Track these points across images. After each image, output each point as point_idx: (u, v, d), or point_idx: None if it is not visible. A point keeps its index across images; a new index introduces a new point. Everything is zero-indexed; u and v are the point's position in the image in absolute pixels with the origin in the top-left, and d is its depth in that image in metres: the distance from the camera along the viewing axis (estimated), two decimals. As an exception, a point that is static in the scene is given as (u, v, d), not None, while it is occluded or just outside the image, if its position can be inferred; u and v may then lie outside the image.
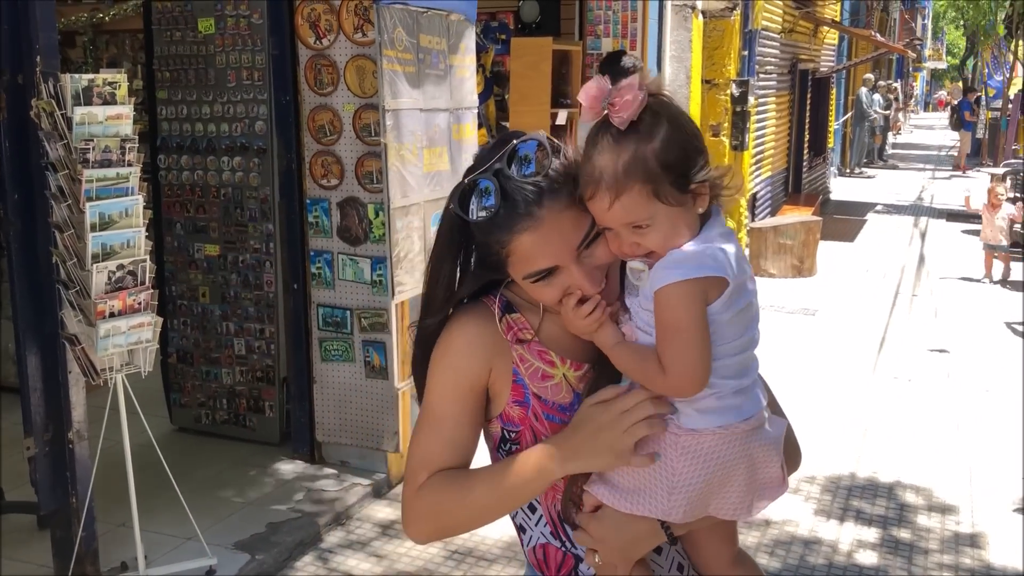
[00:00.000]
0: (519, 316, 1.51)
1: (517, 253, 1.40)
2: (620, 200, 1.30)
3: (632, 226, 1.32)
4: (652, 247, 1.33)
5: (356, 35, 4.30)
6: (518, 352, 1.49)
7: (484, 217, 1.39)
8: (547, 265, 1.40)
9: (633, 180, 1.29)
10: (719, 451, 1.36)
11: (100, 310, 3.32)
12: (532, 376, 1.48)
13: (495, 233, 1.40)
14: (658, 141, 1.30)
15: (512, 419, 1.50)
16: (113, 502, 3.86)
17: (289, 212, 4.70)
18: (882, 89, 21.93)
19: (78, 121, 3.21)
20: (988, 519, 4.46)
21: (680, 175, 1.31)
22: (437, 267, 1.51)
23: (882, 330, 7.79)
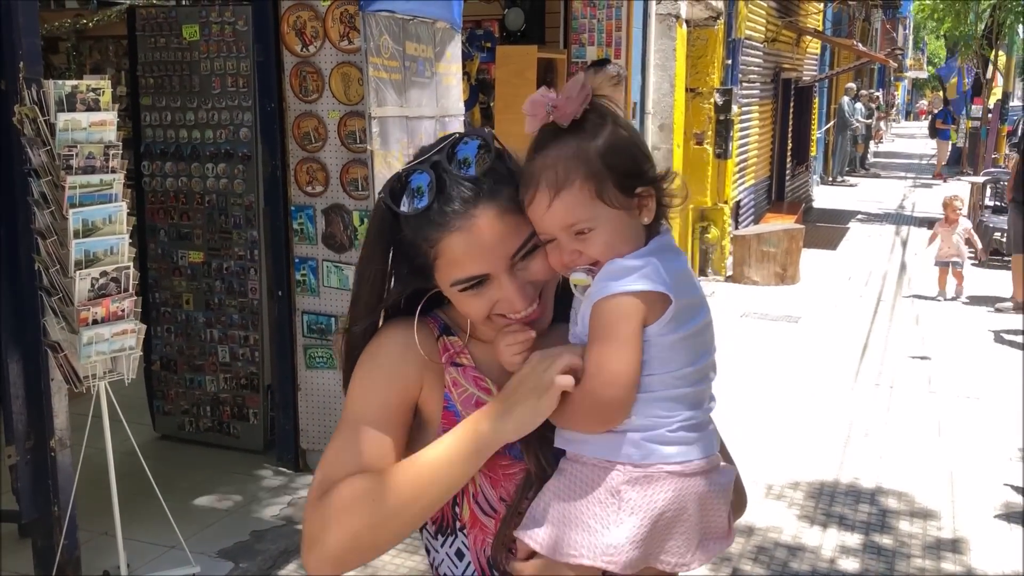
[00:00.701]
0: (457, 339, 1.41)
1: (446, 255, 1.29)
2: (560, 198, 1.23)
3: (573, 230, 1.25)
4: (595, 255, 1.25)
5: (342, 42, 4.31)
6: (452, 376, 1.38)
7: (414, 211, 1.29)
8: (476, 272, 1.29)
9: (574, 177, 1.23)
10: (667, 492, 1.24)
11: (83, 317, 3.31)
12: (465, 403, 1.36)
13: (425, 230, 1.29)
14: (602, 140, 1.24)
15: None
16: (96, 510, 3.84)
17: (274, 219, 4.69)
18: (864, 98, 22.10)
19: (61, 127, 3.20)
20: (970, 524, 4.50)
21: (624, 176, 1.25)
22: (364, 266, 1.39)
23: (864, 337, 7.84)
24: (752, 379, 6.59)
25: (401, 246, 1.35)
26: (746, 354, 7.23)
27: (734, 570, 4.03)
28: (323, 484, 1.28)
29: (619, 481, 1.24)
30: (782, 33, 13.12)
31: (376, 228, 1.37)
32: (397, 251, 1.36)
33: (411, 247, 1.33)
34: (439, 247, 1.29)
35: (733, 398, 6.20)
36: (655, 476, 1.24)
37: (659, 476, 1.24)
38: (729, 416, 5.81)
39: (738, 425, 5.72)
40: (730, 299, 9.13)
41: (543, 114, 1.26)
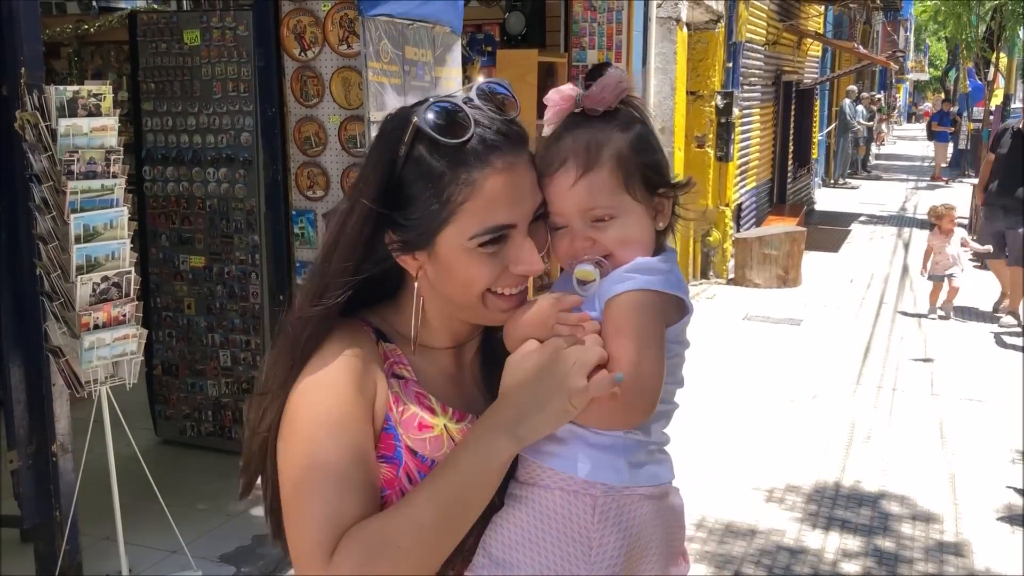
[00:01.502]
0: (395, 347, 1.24)
1: (481, 197, 1.15)
2: (587, 178, 1.19)
3: (592, 215, 1.20)
4: (608, 246, 1.20)
5: (341, 47, 4.31)
6: (393, 390, 1.20)
7: (459, 138, 1.15)
8: (506, 220, 1.17)
9: (606, 160, 1.20)
10: (640, 516, 1.17)
11: (84, 322, 3.31)
12: (407, 424, 1.19)
13: (466, 167, 1.15)
14: (636, 134, 1.23)
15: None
16: (97, 515, 3.84)
17: (275, 223, 4.69)
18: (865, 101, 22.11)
19: (63, 133, 3.21)
20: (971, 527, 4.49)
21: (651, 172, 1.23)
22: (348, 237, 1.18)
23: (866, 340, 7.83)
24: (754, 382, 6.58)
25: (399, 203, 1.18)
26: (748, 357, 7.23)
27: (736, 573, 4.02)
28: (322, 544, 1.08)
29: (594, 504, 1.15)
30: (783, 36, 13.12)
31: (375, 174, 1.18)
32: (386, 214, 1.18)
33: (424, 200, 1.16)
34: (477, 186, 1.15)
35: (735, 401, 6.20)
36: (630, 501, 1.17)
37: (634, 500, 1.17)
38: (731, 419, 5.82)
39: (740, 428, 5.72)
40: (732, 302, 9.13)
41: (570, 104, 1.23)
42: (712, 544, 4.25)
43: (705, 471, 5.03)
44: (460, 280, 1.20)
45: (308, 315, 1.18)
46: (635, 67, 7.80)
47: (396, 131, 1.18)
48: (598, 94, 1.21)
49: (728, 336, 7.83)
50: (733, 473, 5.05)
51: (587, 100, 1.22)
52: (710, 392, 6.32)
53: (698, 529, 4.39)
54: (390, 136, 1.19)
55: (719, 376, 6.72)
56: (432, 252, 1.20)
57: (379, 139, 1.21)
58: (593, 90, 1.21)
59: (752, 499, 4.75)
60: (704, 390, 6.33)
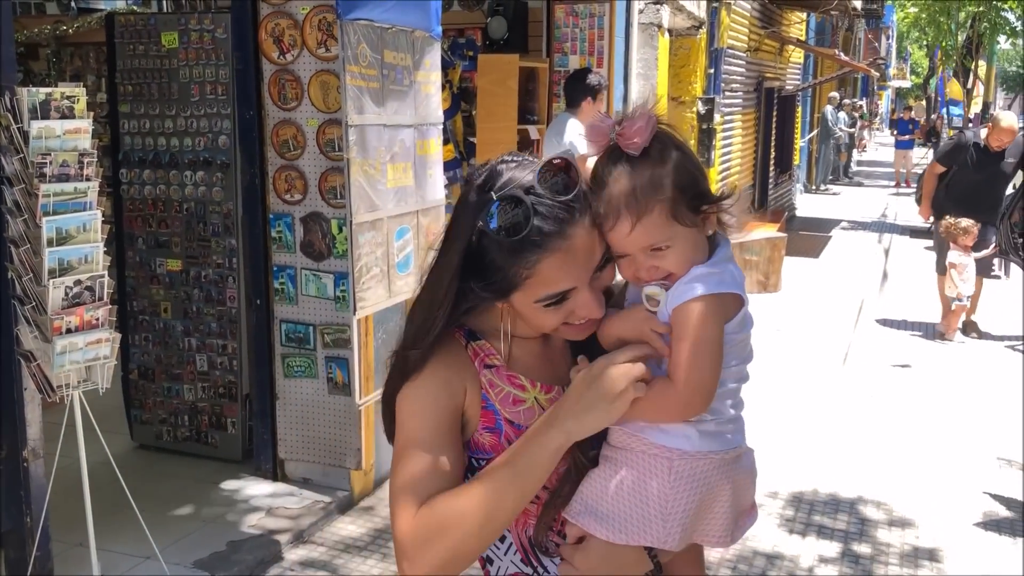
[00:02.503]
0: (484, 343, 1.49)
1: (542, 274, 1.36)
2: (641, 223, 1.33)
3: (651, 249, 1.35)
4: (671, 269, 1.36)
5: (320, 50, 4.30)
6: (487, 377, 1.46)
7: (518, 235, 1.34)
8: (567, 287, 1.37)
9: (653, 202, 1.33)
10: (710, 476, 1.38)
11: (56, 326, 3.28)
12: (503, 401, 1.45)
13: (525, 253, 1.35)
14: (671, 165, 1.35)
15: (483, 447, 1.46)
16: (70, 521, 3.80)
17: (252, 227, 4.67)
18: (847, 107, 22.26)
19: (35, 135, 3.18)
20: (947, 533, 4.51)
21: (693, 196, 1.36)
22: (439, 290, 1.44)
23: (846, 346, 7.87)
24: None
25: (479, 267, 1.39)
26: (727, 362, 7.24)
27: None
28: (406, 505, 1.36)
29: (670, 467, 1.36)
30: (765, 42, 13.19)
31: (458, 254, 1.40)
32: (470, 272, 1.40)
33: (498, 270, 1.38)
34: (536, 268, 1.35)
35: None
36: (702, 463, 1.37)
37: (706, 462, 1.37)
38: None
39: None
40: (712, 307, 9.14)
41: (606, 141, 1.37)
42: (689, 550, 4.25)
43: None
44: (534, 324, 1.45)
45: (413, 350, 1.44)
46: (617, 73, 7.81)
47: (472, 216, 1.38)
48: (630, 136, 1.34)
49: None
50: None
51: (624, 144, 1.35)
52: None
53: (675, 535, 4.39)
54: (467, 220, 1.40)
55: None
56: (508, 302, 1.43)
57: (462, 214, 1.42)
58: (626, 131, 1.34)
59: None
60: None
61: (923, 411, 6.25)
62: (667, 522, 1.35)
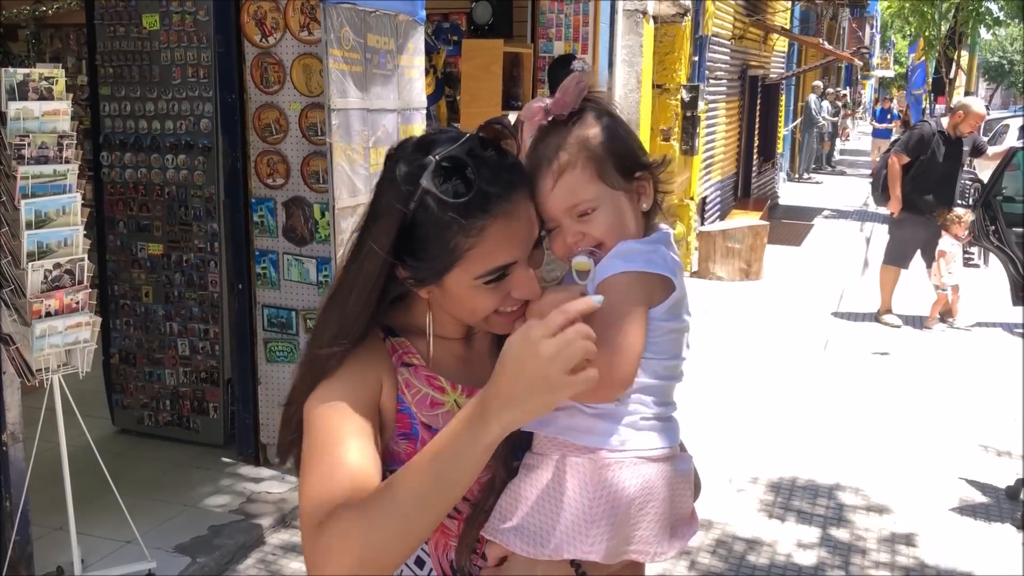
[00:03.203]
0: (403, 340, 1.38)
1: (486, 243, 1.25)
2: (563, 179, 1.29)
3: (577, 211, 1.29)
4: (598, 235, 1.30)
5: (302, 33, 4.27)
6: (404, 376, 1.35)
7: (463, 198, 1.23)
8: (509, 260, 1.28)
9: (576, 159, 1.29)
10: (638, 479, 1.27)
11: (36, 309, 3.26)
12: (420, 403, 1.34)
13: (470, 218, 1.24)
14: (600, 127, 1.32)
15: (397, 456, 1.32)
16: (49, 505, 3.79)
17: (234, 211, 4.65)
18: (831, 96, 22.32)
19: (12, 116, 3.16)
20: (924, 519, 4.56)
21: (622, 159, 1.32)
22: (365, 279, 1.31)
23: (826, 333, 7.92)
24: (715, 374, 6.64)
25: (411, 246, 1.28)
26: (709, 349, 7.28)
27: (692, 563, 4.06)
28: (315, 513, 1.18)
29: (594, 470, 1.26)
30: (749, 30, 13.20)
31: (386, 228, 1.28)
32: (400, 253, 1.29)
33: (434, 243, 1.26)
34: (482, 235, 1.25)
35: (696, 392, 6.24)
36: (628, 463, 1.27)
37: (632, 463, 1.27)
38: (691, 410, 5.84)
39: (700, 419, 5.76)
40: (695, 294, 9.18)
41: (541, 116, 1.33)
42: (669, 535, 4.28)
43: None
44: (466, 308, 1.34)
45: (334, 352, 1.31)
46: (601, 59, 7.80)
47: (406, 184, 1.27)
48: (560, 99, 1.31)
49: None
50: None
51: (553, 107, 1.32)
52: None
53: (656, 520, 4.42)
54: (400, 189, 1.27)
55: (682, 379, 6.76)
56: (440, 286, 1.32)
57: (390, 187, 1.30)
58: (556, 97, 1.31)
59: (710, 490, 4.77)
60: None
61: (901, 398, 6.31)
62: (592, 530, 1.24)
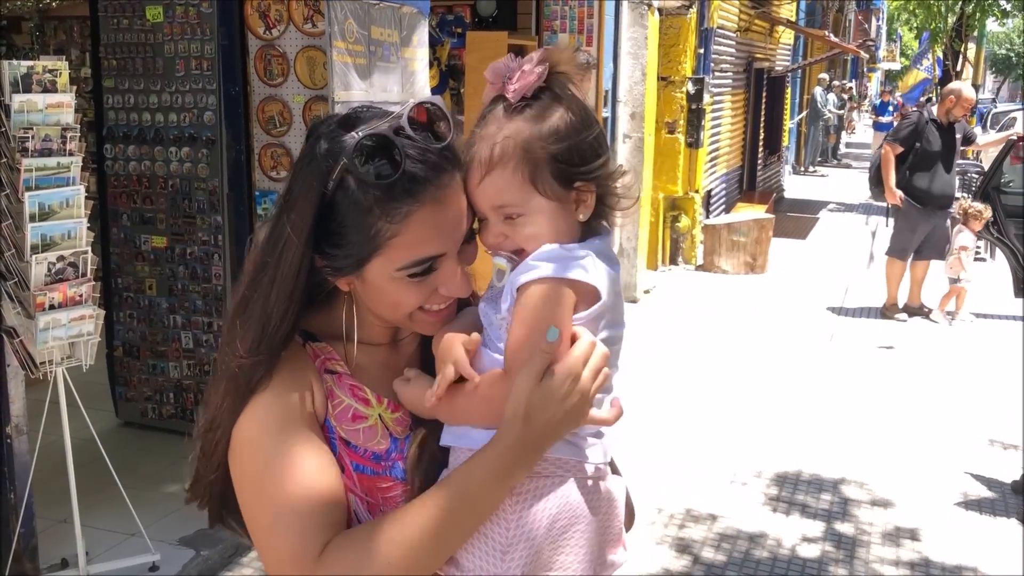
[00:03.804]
0: (324, 345, 1.25)
1: (410, 232, 1.14)
2: (491, 176, 1.16)
3: (502, 213, 1.17)
4: (519, 243, 1.17)
5: (306, 25, 4.26)
6: (327, 384, 1.22)
7: (386, 179, 1.12)
8: (436, 251, 1.17)
9: (509, 158, 1.15)
10: (562, 495, 1.16)
11: (40, 302, 3.26)
12: (340, 416, 1.20)
13: (393, 203, 1.12)
14: (547, 124, 1.16)
15: None
16: (54, 498, 3.79)
17: (238, 204, 4.64)
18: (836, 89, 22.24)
19: (16, 109, 3.15)
20: (928, 513, 4.55)
21: (565, 165, 1.16)
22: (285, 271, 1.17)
23: (831, 326, 7.90)
24: (719, 367, 6.63)
25: (328, 232, 1.16)
26: (714, 343, 7.27)
27: (696, 557, 4.05)
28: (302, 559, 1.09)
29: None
30: (755, 23, 13.15)
31: (305, 211, 1.15)
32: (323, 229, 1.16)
33: (354, 229, 1.15)
34: (407, 221, 1.14)
35: (701, 386, 6.24)
36: (549, 474, 1.16)
37: (553, 475, 1.16)
38: (696, 404, 5.85)
39: (704, 413, 5.76)
40: (700, 288, 9.17)
41: (500, 84, 1.18)
42: (672, 528, 4.28)
43: (667, 457, 5.07)
44: (388, 303, 1.21)
45: (258, 358, 1.17)
46: (606, 52, 7.78)
47: (326, 162, 1.15)
48: (514, 81, 1.16)
49: (695, 322, 7.87)
50: (696, 458, 5.08)
51: (505, 90, 1.17)
52: (675, 377, 6.36)
53: (659, 514, 4.42)
54: (319, 167, 1.15)
55: (684, 361, 6.76)
56: (360, 276, 1.20)
57: (308, 165, 1.17)
58: (512, 77, 1.17)
59: (714, 484, 4.79)
60: (669, 375, 6.37)
61: (906, 392, 6.29)
62: (507, 555, 1.13)
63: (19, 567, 3.44)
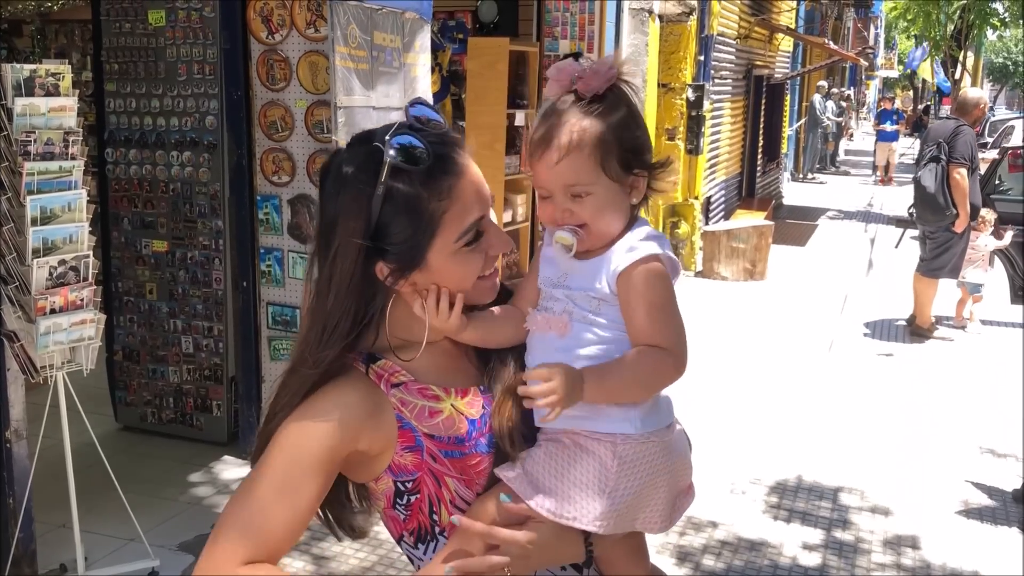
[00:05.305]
0: (384, 362, 1.37)
1: (459, 202, 1.31)
2: (568, 158, 1.33)
3: (571, 191, 1.35)
4: (585, 218, 1.35)
5: (309, 30, 4.26)
6: (397, 397, 1.35)
7: (425, 163, 1.28)
8: (480, 213, 1.34)
9: (585, 142, 1.33)
10: (651, 459, 1.36)
11: (40, 306, 3.25)
12: (419, 416, 1.35)
13: (439, 181, 1.30)
14: (616, 117, 1.35)
15: (405, 468, 1.35)
16: (53, 502, 3.78)
17: (239, 208, 4.64)
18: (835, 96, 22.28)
19: (19, 112, 3.15)
20: (929, 521, 4.54)
21: (627, 153, 1.36)
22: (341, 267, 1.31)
23: (831, 334, 7.90)
24: (718, 375, 6.62)
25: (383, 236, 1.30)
26: (713, 349, 7.27)
27: (697, 565, 4.05)
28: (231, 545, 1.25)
29: (614, 452, 1.33)
30: (754, 30, 13.17)
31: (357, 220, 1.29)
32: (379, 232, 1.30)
33: (410, 221, 1.29)
34: (452, 195, 1.30)
35: (700, 393, 6.23)
36: (645, 445, 1.35)
37: (648, 444, 1.35)
38: (695, 411, 5.84)
39: (703, 420, 5.75)
40: (699, 294, 9.17)
41: (567, 82, 1.36)
42: (673, 536, 4.27)
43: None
44: (455, 281, 1.36)
45: (319, 359, 1.31)
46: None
47: (365, 174, 1.29)
48: (588, 79, 1.34)
49: (693, 328, 7.85)
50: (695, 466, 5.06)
51: (579, 84, 1.35)
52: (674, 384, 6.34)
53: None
54: (359, 179, 1.29)
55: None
56: (425, 268, 1.34)
57: (342, 189, 1.30)
58: (585, 74, 1.35)
59: (714, 492, 4.77)
60: (669, 382, 6.35)
61: (907, 400, 6.29)
62: (605, 508, 1.32)
63: (18, 572, 3.43)
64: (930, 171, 7.27)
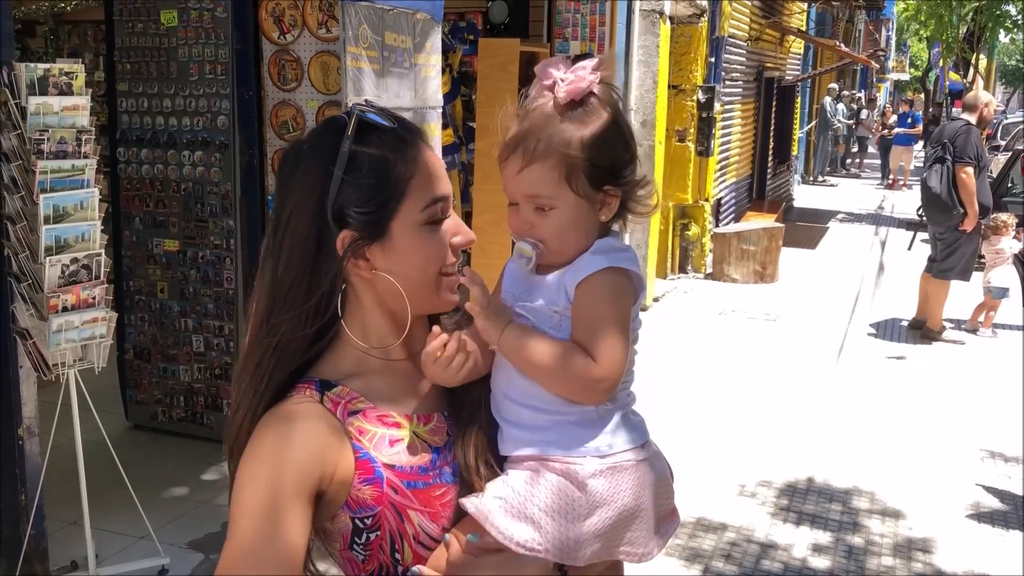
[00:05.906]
0: (340, 388, 1.27)
1: (422, 172, 1.26)
2: (530, 168, 1.24)
3: (534, 203, 1.26)
4: (544, 234, 1.26)
5: (320, 31, 4.27)
6: (355, 425, 1.25)
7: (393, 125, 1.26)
8: (444, 191, 1.28)
9: (550, 155, 1.23)
10: (630, 481, 1.25)
11: (53, 304, 3.27)
12: (378, 446, 1.25)
13: (405, 147, 1.25)
14: (590, 129, 1.24)
15: (364, 503, 1.23)
16: (64, 500, 3.80)
17: (250, 208, 4.65)
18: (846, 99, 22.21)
19: (32, 111, 3.16)
20: (940, 524, 4.53)
21: (598, 169, 1.25)
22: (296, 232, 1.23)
23: (841, 336, 7.88)
24: (729, 377, 6.61)
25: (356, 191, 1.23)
26: (723, 352, 7.25)
27: (706, 567, 4.04)
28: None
29: (585, 474, 1.23)
30: (765, 32, 13.15)
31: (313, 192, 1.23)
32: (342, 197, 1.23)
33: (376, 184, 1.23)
34: (418, 162, 1.26)
35: (710, 396, 6.22)
36: (619, 466, 1.25)
37: (623, 466, 1.25)
38: (706, 412, 5.83)
39: (713, 422, 5.74)
40: (709, 297, 9.16)
41: (551, 82, 1.26)
42: (683, 538, 4.26)
43: (677, 466, 5.03)
44: (417, 263, 1.28)
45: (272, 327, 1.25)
46: (618, 59, 7.78)
47: (327, 142, 1.24)
48: (568, 84, 1.24)
49: (704, 331, 7.85)
50: (705, 468, 5.06)
51: (556, 88, 1.25)
52: (684, 386, 6.34)
53: (670, 522, 4.39)
54: (321, 143, 1.25)
55: (693, 370, 6.74)
56: (387, 243, 1.26)
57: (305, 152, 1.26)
58: (570, 81, 1.24)
59: (724, 494, 4.77)
60: (678, 384, 6.35)
61: (917, 403, 6.26)
62: (575, 537, 1.21)
63: (29, 569, 3.44)
64: (936, 172, 7.29)
